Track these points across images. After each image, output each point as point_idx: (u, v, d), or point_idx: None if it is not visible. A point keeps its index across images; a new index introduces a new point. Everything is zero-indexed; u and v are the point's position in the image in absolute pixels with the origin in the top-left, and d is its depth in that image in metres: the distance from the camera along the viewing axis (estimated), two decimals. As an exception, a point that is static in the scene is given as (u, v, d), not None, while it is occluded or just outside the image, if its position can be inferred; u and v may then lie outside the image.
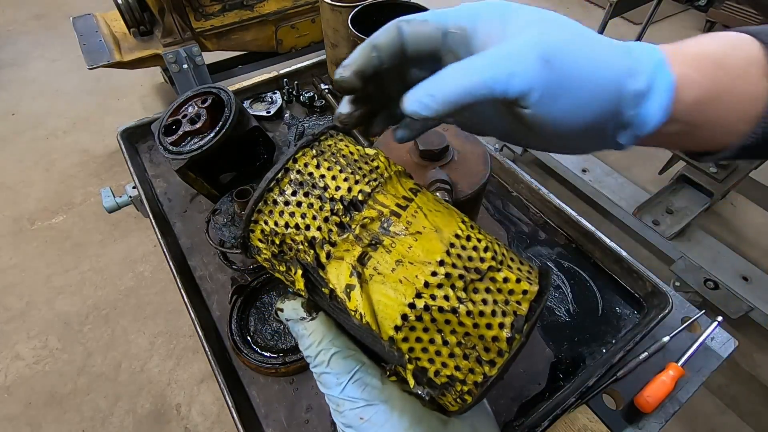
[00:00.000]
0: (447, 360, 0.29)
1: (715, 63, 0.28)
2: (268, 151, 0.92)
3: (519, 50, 0.26)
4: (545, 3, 3.56)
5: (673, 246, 1.66)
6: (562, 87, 0.26)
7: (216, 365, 0.62)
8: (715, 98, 0.28)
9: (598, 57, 0.27)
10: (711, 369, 0.66)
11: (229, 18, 2.12)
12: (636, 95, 0.28)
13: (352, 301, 0.29)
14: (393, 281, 0.29)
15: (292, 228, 0.30)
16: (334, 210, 0.30)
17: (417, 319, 0.28)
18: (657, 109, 0.28)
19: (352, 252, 0.29)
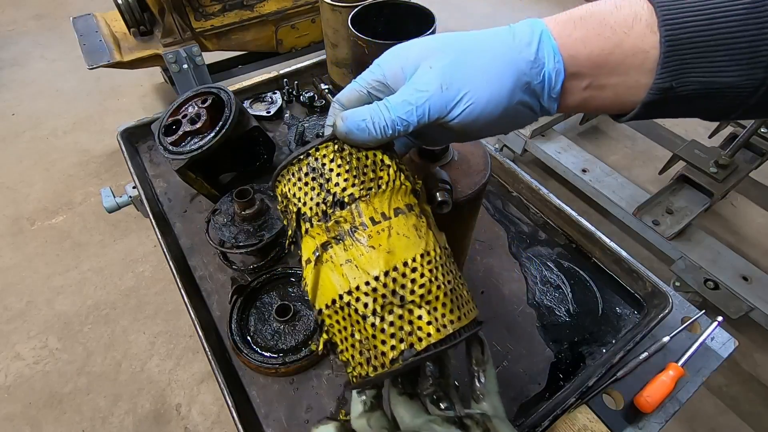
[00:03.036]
0: (349, 347, 0.35)
1: (599, 21, 0.32)
2: (268, 151, 0.92)
3: (420, 86, 0.34)
4: (547, 3, 3.56)
5: (673, 246, 1.66)
6: (465, 96, 0.33)
7: (216, 365, 0.62)
8: (606, 52, 0.32)
9: (484, 54, 0.33)
10: (711, 369, 0.66)
11: (229, 18, 2.12)
12: (532, 66, 0.33)
13: (306, 271, 0.37)
14: (338, 272, 0.35)
15: (293, 198, 0.38)
16: (325, 200, 0.36)
17: (340, 308, 0.35)
18: (553, 70, 0.33)
19: (321, 236, 0.36)
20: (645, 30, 0.31)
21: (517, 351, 0.67)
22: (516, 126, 0.37)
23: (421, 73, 0.34)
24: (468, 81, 0.33)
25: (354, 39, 0.79)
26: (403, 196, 0.38)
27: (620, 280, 0.75)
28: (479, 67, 0.33)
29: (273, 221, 0.75)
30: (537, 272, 0.77)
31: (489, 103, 0.33)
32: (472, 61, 0.33)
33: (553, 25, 0.33)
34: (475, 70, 0.33)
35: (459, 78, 0.33)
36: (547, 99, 0.34)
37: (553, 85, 0.33)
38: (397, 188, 0.37)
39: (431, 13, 0.81)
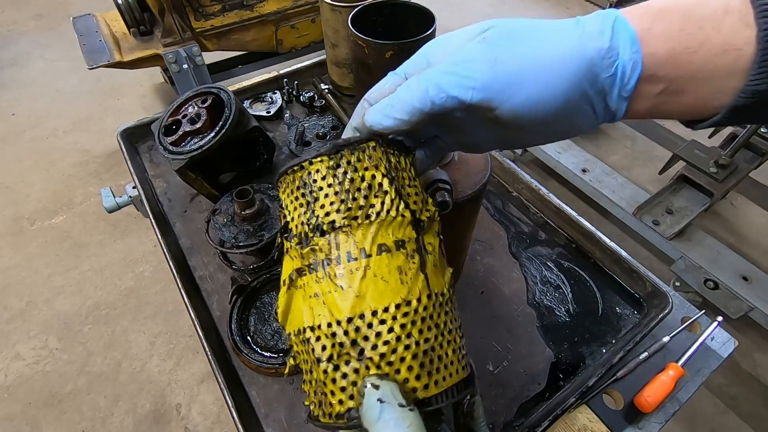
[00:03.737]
0: (308, 382, 0.33)
1: (682, 14, 0.27)
2: (268, 151, 0.92)
3: (467, 57, 0.28)
4: (547, 3, 3.56)
5: (673, 246, 1.66)
6: (519, 76, 0.28)
7: (216, 365, 0.62)
8: (690, 51, 0.27)
9: (546, 38, 0.28)
10: (711, 369, 0.66)
11: (229, 18, 2.12)
12: (603, 56, 0.28)
13: (281, 291, 0.35)
14: (307, 304, 0.32)
15: (284, 210, 0.35)
16: (309, 222, 0.33)
17: (303, 342, 0.32)
18: (628, 62, 0.28)
19: (296, 261, 0.33)
20: (738, 24, 0.26)
21: (517, 351, 0.67)
22: (573, 131, 0.32)
23: (468, 45, 0.29)
24: (525, 59, 0.28)
25: (354, 39, 0.79)
26: (396, 230, 0.32)
27: (620, 280, 0.75)
28: (539, 48, 0.28)
29: (273, 221, 0.75)
30: (537, 272, 0.77)
31: (548, 89, 0.28)
32: (531, 41, 0.28)
33: (627, 16, 0.28)
34: (535, 50, 0.28)
35: (514, 54, 0.28)
36: (616, 98, 0.29)
37: (626, 81, 0.28)
38: (389, 220, 0.32)
39: (431, 13, 0.81)
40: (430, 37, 0.79)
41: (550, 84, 0.28)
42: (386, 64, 0.79)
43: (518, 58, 0.28)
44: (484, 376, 0.65)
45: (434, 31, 0.79)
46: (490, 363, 0.66)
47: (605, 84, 0.28)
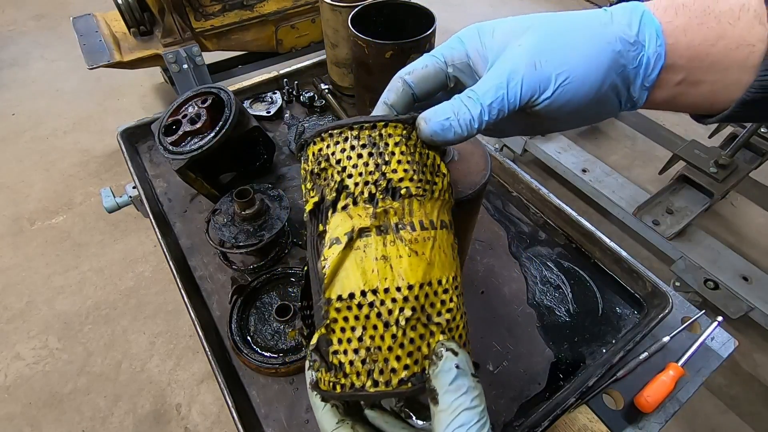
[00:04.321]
0: (351, 351, 0.30)
1: (702, 9, 0.29)
2: (268, 151, 0.92)
3: (512, 68, 0.31)
4: (547, 3, 3.56)
5: (673, 246, 1.66)
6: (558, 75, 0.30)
7: (216, 365, 0.62)
8: (708, 44, 0.29)
9: (580, 35, 0.31)
10: (711, 369, 0.66)
11: (229, 18, 2.12)
12: (631, 48, 0.30)
13: (330, 250, 0.31)
14: (368, 266, 0.30)
15: (337, 166, 0.33)
16: (378, 182, 0.32)
17: (357, 306, 0.30)
18: (653, 54, 0.30)
19: (362, 220, 0.31)
20: (753, 21, 0.28)
21: (517, 351, 0.67)
22: (596, 119, 0.35)
23: (509, 53, 0.31)
24: (563, 58, 0.30)
25: (354, 39, 0.79)
26: (448, 211, 0.35)
27: (620, 280, 0.75)
28: (575, 44, 0.30)
29: (273, 221, 0.75)
30: (537, 272, 0.77)
31: (584, 83, 0.30)
32: (567, 38, 0.31)
33: (653, 9, 0.30)
34: (571, 47, 0.30)
35: (553, 54, 0.30)
36: (639, 87, 0.31)
37: (649, 71, 0.30)
38: (446, 201, 0.34)
39: (431, 13, 0.81)
40: (430, 37, 0.79)
41: (587, 78, 0.30)
42: (386, 64, 0.79)
43: (556, 60, 0.30)
44: (484, 376, 0.65)
45: (434, 31, 0.79)
46: (490, 363, 0.66)
47: (630, 74, 0.31)
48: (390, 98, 0.35)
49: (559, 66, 0.30)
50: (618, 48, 0.30)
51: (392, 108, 0.35)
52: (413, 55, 0.79)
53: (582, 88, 0.30)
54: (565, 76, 0.30)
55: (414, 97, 0.36)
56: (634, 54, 0.30)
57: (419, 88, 0.35)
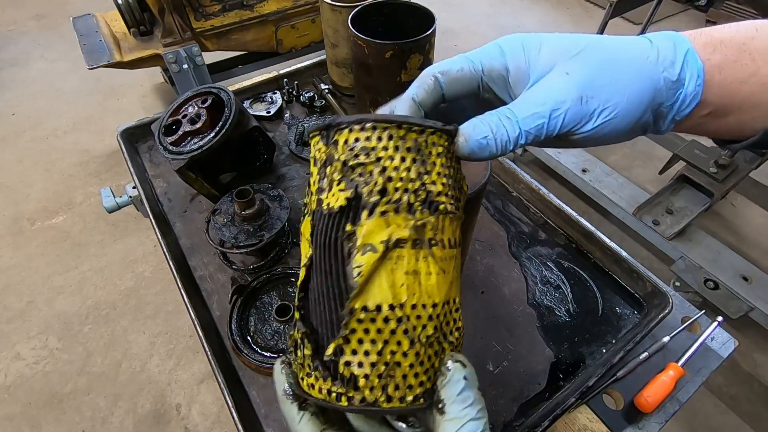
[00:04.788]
0: (366, 364, 0.29)
1: (738, 46, 0.29)
2: (268, 151, 0.92)
3: (556, 98, 0.31)
4: (547, 3, 3.56)
5: (673, 246, 1.66)
6: (600, 110, 0.31)
7: (216, 365, 0.62)
8: (740, 81, 0.29)
9: (626, 69, 0.31)
10: (711, 369, 0.66)
11: (229, 18, 2.12)
12: (670, 87, 0.30)
13: (364, 257, 0.29)
14: (398, 279, 0.29)
15: (378, 165, 0.30)
16: (418, 192, 0.30)
17: (384, 320, 0.29)
18: (690, 94, 0.30)
19: (401, 230, 0.29)
20: None
21: (517, 351, 0.67)
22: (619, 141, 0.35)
23: (556, 80, 0.31)
24: (609, 95, 0.30)
25: (354, 39, 0.79)
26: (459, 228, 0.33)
27: (620, 280, 0.75)
28: (622, 81, 0.30)
29: (273, 221, 0.75)
30: (537, 272, 0.77)
31: (623, 120, 0.31)
32: (615, 73, 0.31)
33: (694, 44, 0.31)
34: (618, 85, 0.30)
35: (601, 91, 0.30)
36: (669, 121, 0.32)
37: (683, 108, 0.31)
38: (460, 218, 0.33)
39: (431, 13, 0.81)
40: (430, 37, 0.79)
41: (627, 114, 0.31)
42: (386, 64, 0.79)
43: (601, 96, 0.30)
44: (484, 376, 0.65)
45: (434, 31, 0.79)
46: (490, 363, 0.66)
47: (664, 110, 0.32)
48: (419, 95, 0.34)
49: (604, 103, 0.30)
50: (660, 86, 0.30)
51: (420, 106, 0.34)
52: (413, 55, 0.79)
53: (620, 123, 0.31)
54: (609, 113, 0.30)
55: (443, 98, 0.35)
56: (672, 92, 0.30)
57: (450, 89, 0.34)
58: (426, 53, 0.81)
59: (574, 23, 3.35)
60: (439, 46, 0.85)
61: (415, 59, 0.79)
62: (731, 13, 3.01)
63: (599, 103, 0.30)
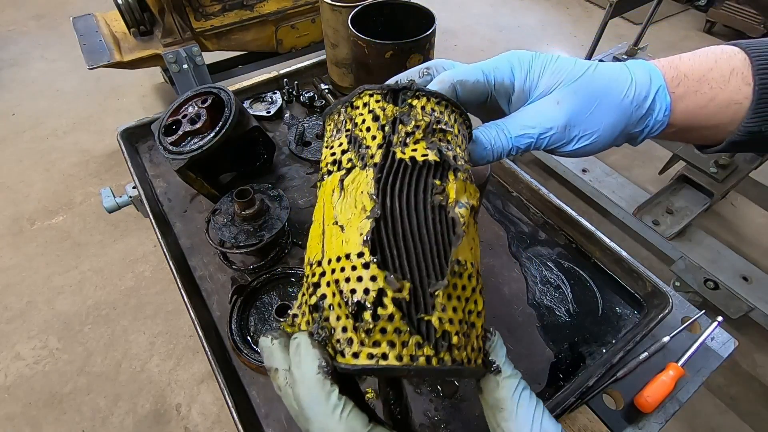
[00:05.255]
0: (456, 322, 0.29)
1: (699, 78, 0.35)
2: (268, 151, 0.92)
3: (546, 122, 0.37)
4: (547, 3, 3.56)
5: (673, 246, 1.66)
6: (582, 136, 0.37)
7: (216, 365, 0.62)
8: (700, 107, 0.35)
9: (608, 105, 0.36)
10: (711, 369, 0.66)
11: (229, 18, 2.12)
12: (641, 119, 0.37)
13: (463, 210, 0.32)
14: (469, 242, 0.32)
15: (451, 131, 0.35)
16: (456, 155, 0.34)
17: (468, 277, 0.31)
18: (658, 122, 0.37)
19: (471, 198, 0.34)
20: (740, 83, 0.34)
21: (517, 351, 0.67)
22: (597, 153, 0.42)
23: (548, 108, 0.37)
24: (590, 126, 0.37)
25: (354, 39, 0.79)
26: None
27: (620, 280, 0.75)
28: (602, 114, 0.37)
29: (273, 221, 0.75)
30: (537, 272, 0.77)
31: (598, 143, 0.38)
32: (598, 107, 0.37)
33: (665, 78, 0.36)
34: (599, 117, 0.37)
35: (584, 122, 0.37)
36: (640, 140, 0.39)
37: (652, 132, 0.38)
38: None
39: (431, 13, 0.81)
40: (430, 37, 0.79)
41: (601, 140, 0.38)
42: (386, 64, 0.79)
43: (583, 125, 0.37)
44: (484, 376, 0.65)
45: (434, 31, 0.79)
46: (490, 363, 0.66)
47: (635, 133, 0.38)
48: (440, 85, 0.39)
49: (584, 131, 0.37)
50: (633, 120, 0.37)
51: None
52: (413, 55, 0.79)
53: (596, 146, 0.38)
54: (587, 139, 0.37)
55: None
56: (643, 122, 0.37)
57: (463, 97, 0.39)
58: (426, 53, 0.81)
59: (573, 23, 3.35)
60: (439, 46, 0.85)
61: (415, 59, 0.79)
62: (731, 12, 3.01)
63: (580, 131, 0.37)
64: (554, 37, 3.22)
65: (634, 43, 2.04)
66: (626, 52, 2.06)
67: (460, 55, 2.89)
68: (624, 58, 2.05)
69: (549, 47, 3.13)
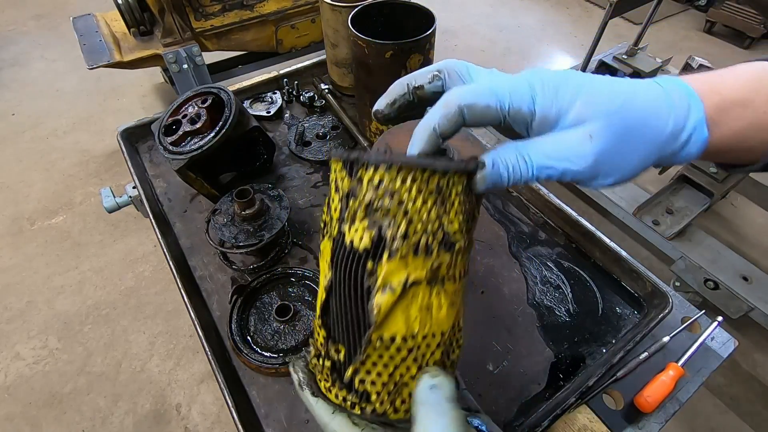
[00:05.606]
0: (379, 383, 0.33)
1: (743, 104, 0.32)
2: (268, 151, 0.92)
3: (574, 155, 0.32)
4: (546, 3, 3.56)
5: (673, 246, 1.66)
6: (612, 172, 0.33)
7: (216, 365, 0.62)
8: (739, 132, 0.32)
9: (643, 141, 0.32)
10: (711, 369, 0.66)
11: (229, 18, 2.12)
12: (676, 151, 0.33)
13: (383, 297, 0.31)
14: (412, 314, 0.32)
15: (401, 208, 0.30)
16: (436, 233, 0.31)
17: (396, 349, 0.32)
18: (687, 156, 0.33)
19: (416, 271, 0.31)
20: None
21: (517, 351, 0.67)
22: None
23: (579, 140, 0.32)
24: (619, 163, 0.32)
25: (354, 39, 0.79)
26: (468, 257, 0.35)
27: (620, 280, 0.75)
28: (635, 152, 0.32)
29: (273, 221, 0.75)
30: (537, 272, 0.77)
31: (620, 181, 0.34)
32: (631, 144, 0.32)
33: (705, 103, 0.32)
34: (630, 155, 0.32)
35: (615, 160, 0.32)
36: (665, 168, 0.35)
37: (681, 161, 0.34)
38: (470, 246, 0.35)
39: (431, 13, 0.81)
40: (430, 37, 0.79)
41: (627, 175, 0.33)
42: (386, 64, 0.79)
43: (616, 165, 0.32)
44: (484, 376, 0.65)
45: (434, 31, 0.79)
46: (490, 363, 0.66)
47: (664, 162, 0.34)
48: (442, 125, 0.33)
49: (612, 168, 0.33)
50: (665, 154, 0.33)
51: (440, 137, 0.34)
52: (413, 55, 0.79)
53: (618, 182, 0.34)
54: (612, 179, 0.33)
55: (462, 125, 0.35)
56: (676, 154, 0.33)
57: (471, 121, 0.34)
58: (426, 53, 0.81)
59: (573, 23, 3.35)
60: (439, 46, 0.85)
61: (415, 59, 0.79)
62: (731, 12, 3.01)
63: (607, 168, 0.32)
64: (554, 37, 3.22)
65: (634, 43, 2.04)
66: (626, 52, 2.06)
67: (460, 55, 2.88)
68: (624, 58, 2.05)
69: (549, 47, 3.13)
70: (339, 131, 1.01)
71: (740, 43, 3.10)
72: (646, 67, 2.00)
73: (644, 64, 2.02)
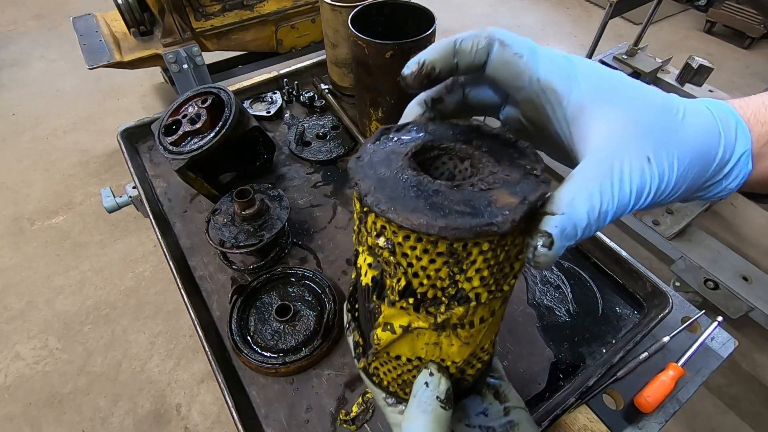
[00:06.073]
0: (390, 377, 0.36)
1: None
2: (268, 151, 0.92)
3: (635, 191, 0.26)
4: (546, 3, 3.56)
5: (673, 246, 1.66)
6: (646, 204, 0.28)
7: (216, 365, 0.62)
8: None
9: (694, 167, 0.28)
10: (711, 369, 0.66)
11: (229, 18, 2.12)
12: (710, 185, 0.30)
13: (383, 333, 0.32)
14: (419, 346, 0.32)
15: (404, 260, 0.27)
16: (446, 290, 0.28)
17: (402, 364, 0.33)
18: (725, 190, 0.31)
19: (419, 322, 0.29)
20: None
21: (517, 351, 0.67)
22: None
23: (637, 164, 0.26)
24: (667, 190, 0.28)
25: (354, 39, 0.79)
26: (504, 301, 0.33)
27: (620, 280, 0.75)
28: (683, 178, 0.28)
29: (273, 221, 0.75)
30: (537, 272, 0.77)
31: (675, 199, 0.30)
32: (684, 169, 0.28)
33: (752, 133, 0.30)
34: (680, 182, 0.28)
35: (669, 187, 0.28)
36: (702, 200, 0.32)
37: (714, 197, 0.31)
38: (507, 294, 0.31)
39: (431, 13, 0.81)
40: (430, 37, 0.79)
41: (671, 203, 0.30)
42: (386, 64, 0.79)
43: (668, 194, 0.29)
44: (484, 376, 0.65)
45: (434, 31, 0.79)
46: (490, 363, 0.66)
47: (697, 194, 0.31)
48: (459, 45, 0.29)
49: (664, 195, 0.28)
50: (705, 185, 0.30)
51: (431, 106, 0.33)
52: (413, 55, 0.79)
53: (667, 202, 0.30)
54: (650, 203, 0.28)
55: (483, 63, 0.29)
56: (711, 187, 0.30)
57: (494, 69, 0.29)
58: (426, 53, 0.81)
59: (573, 23, 3.35)
60: (439, 46, 0.85)
61: (415, 59, 0.79)
62: (731, 13, 3.01)
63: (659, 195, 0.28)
64: (554, 37, 3.22)
65: (634, 43, 2.04)
66: (626, 52, 2.06)
67: (460, 55, 2.88)
68: (624, 58, 2.05)
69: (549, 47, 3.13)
70: (339, 131, 1.01)
71: (740, 43, 3.10)
72: (646, 67, 2.00)
73: (644, 64, 2.02)
